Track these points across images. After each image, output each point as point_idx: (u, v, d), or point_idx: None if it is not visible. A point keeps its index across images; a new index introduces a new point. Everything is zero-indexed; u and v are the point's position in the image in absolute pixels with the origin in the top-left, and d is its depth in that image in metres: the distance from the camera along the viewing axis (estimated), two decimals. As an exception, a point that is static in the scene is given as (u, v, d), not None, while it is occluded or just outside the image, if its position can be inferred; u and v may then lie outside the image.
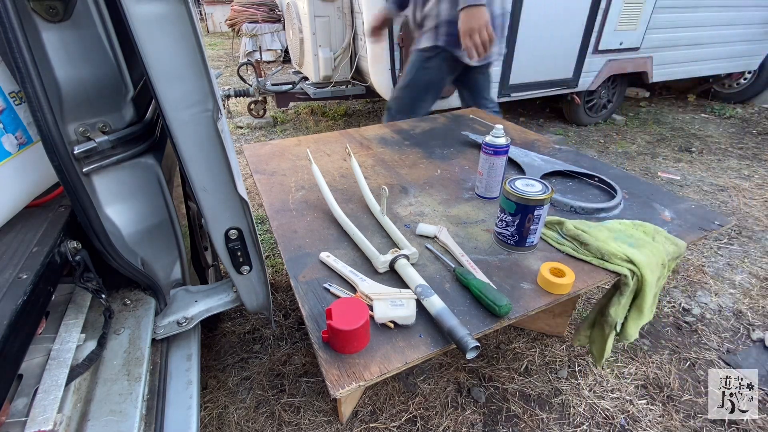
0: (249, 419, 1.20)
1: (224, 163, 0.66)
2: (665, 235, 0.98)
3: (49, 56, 0.58)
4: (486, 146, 1.09)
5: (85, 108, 0.65)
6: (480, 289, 0.78)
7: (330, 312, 0.68)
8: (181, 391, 0.74)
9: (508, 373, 1.33)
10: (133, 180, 0.75)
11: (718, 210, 2.30)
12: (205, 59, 0.58)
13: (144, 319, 0.75)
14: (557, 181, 1.26)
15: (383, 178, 1.29)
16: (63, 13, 0.58)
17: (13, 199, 0.64)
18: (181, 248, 0.86)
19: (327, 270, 0.89)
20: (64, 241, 0.64)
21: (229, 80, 5.08)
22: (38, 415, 0.52)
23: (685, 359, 1.39)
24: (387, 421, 1.19)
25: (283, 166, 1.36)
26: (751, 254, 1.93)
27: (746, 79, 4.17)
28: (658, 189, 1.21)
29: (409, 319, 0.73)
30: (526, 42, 2.85)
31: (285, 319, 1.55)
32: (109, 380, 0.65)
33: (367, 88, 3.08)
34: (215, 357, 1.40)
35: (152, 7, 0.53)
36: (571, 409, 1.23)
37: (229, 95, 3.30)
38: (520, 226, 0.91)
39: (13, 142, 0.62)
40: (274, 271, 1.81)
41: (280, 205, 1.13)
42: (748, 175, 2.73)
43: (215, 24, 8.89)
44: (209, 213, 0.70)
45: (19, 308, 0.50)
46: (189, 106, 0.60)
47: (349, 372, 0.66)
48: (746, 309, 1.60)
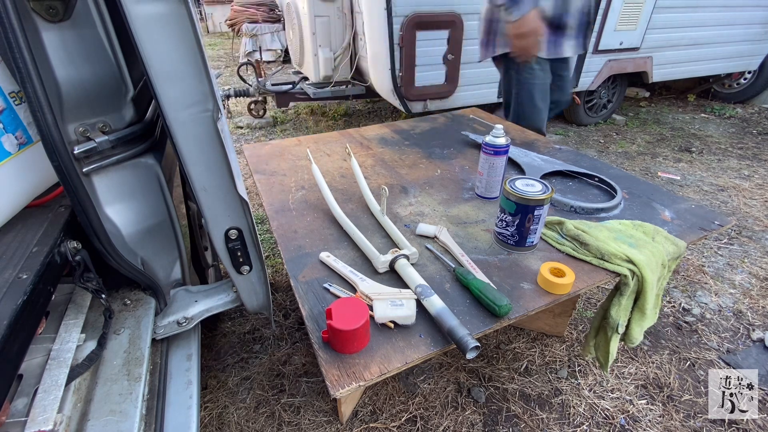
0: (249, 419, 1.20)
1: (224, 163, 0.66)
2: (665, 235, 0.98)
3: (49, 56, 0.58)
4: (486, 146, 1.09)
5: (85, 108, 0.65)
6: (480, 289, 0.78)
7: (330, 312, 0.68)
8: (181, 391, 0.74)
9: (508, 373, 1.33)
10: (133, 180, 0.75)
11: (718, 210, 2.30)
12: (205, 59, 0.58)
13: (144, 319, 0.75)
14: (557, 181, 1.26)
15: (383, 178, 1.29)
16: (63, 13, 0.58)
17: (13, 199, 0.64)
18: (181, 248, 0.86)
19: (327, 270, 0.89)
20: (64, 241, 0.64)
21: (229, 80, 5.08)
22: (38, 415, 0.52)
23: (685, 359, 1.39)
24: (387, 421, 1.19)
25: (283, 166, 1.36)
26: (751, 254, 1.92)
27: (746, 79, 4.17)
28: (658, 189, 1.21)
29: (409, 319, 0.73)
30: (526, 42, 2.85)
31: (285, 319, 1.54)
32: (109, 380, 0.65)
33: (367, 88, 3.08)
34: (215, 357, 1.39)
35: (152, 7, 0.53)
36: (571, 409, 1.23)
37: (229, 95, 3.30)
38: (520, 226, 0.91)
39: (13, 142, 0.62)
40: (274, 271, 1.81)
41: (280, 205, 1.13)
42: (748, 175, 2.73)
43: (215, 24, 8.89)
44: (209, 213, 0.70)
45: (19, 308, 0.50)
46: (189, 106, 0.60)
47: (349, 372, 0.66)
48: (746, 309, 1.60)
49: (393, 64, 2.55)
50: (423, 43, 2.54)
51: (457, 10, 2.54)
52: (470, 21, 2.61)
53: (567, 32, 1.63)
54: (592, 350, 1.07)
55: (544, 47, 1.66)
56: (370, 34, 2.62)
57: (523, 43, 1.56)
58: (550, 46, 1.66)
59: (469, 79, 2.81)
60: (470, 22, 2.61)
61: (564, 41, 1.65)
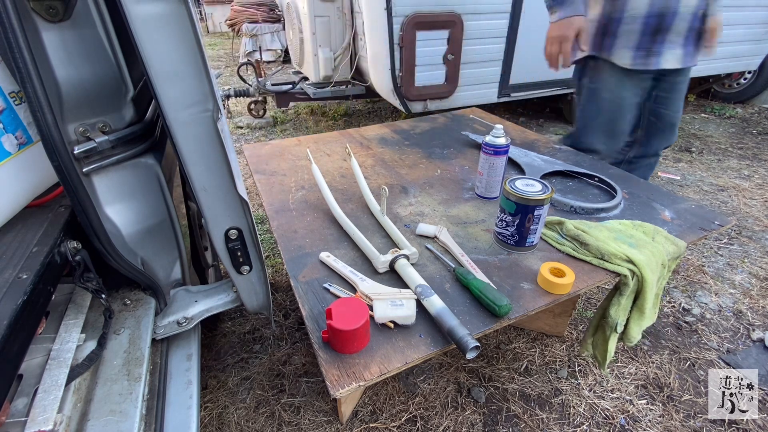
0: (249, 419, 1.20)
1: (224, 163, 0.66)
2: (665, 235, 0.98)
3: (49, 56, 0.58)
4: (486, 146, 1.09)
5: (85, 108, 0.65)
6: (480, 289, 0.78)
7: (330, 312, 0.68)
8: (181, 391, 0.74)
9: (508, 373, 1.33)
10: (133, 180, 0.75)
11: (718, 210, 2.30)
12: (205, 59, 0.58)
13: (144, 319, 0.75)
14: (557, 181, 1.26)
15: (383, 178, 1.29)
16: (63, 13, 0.58)
17: (13, 199, 0.64)
18: (181, 248, 0.86)
19: (327, 270, 0.89)
20: (64, 241, 0.64)
21: (229, 80, 5.08)
22: (38, 415, 0.52)
23: (685, 359, 1.39)
24: (387, 421, 1.19)
25: (283, 166, 1.36)
26: (751, 254, 1.92)
27: (746, 79, 4.17)
28: (658, 189, 1.21)
29: (409, 319, 0.73)
30: (526, 42, 2.85)
31: (285, 319, 1.54)
32: (109, 380, 0.65)
33: (367, 88, 3.08)
34: (215, 357, 1.40)
35: (152, 7, 0.53)
36: (571, 409, 1.23)
37: (229, 95, 3.30)
38: (520, 226, 0.91)
39: (13, 142, 0.62)
40: (274, 271, 1.81)
41: (280, 205, 1.13)
42: (748, 175, 2.73)
43: (215, 24, 8.89)
44: (209, 213, 0.70)
45: (19, 308, 0.50)
46: (189, 106, 0.60)
47: (349, 372, 0.66)
48: (746, 309, 1.60)
49: (393, 64, 2.55)
50: (423, 43, 2.54)
51: (457, 10, 2.54)
52: (470, 21, 2.61)
53: (669, 37, 1.25)
54: (590, 348, 1.07)
55: (627, 54, 1.29)
56: (370, 34, 2.62)
57: (550, 49, 1.34)
58: (637, 54, 1.28)
59: (469, 79, 2.81)
60: (470, 22, 2.61)
61: (664, 49, 1.26)
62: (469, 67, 2.76)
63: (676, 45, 1.27)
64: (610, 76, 1.35)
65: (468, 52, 2.70)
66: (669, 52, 1.27)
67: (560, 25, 1.29)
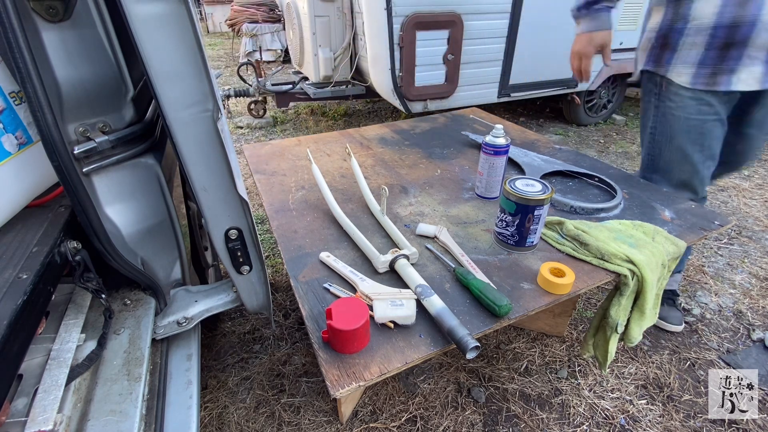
0: (249, 419, 1.20)
1: (224, 163, 0.66)
2: (665, 235, 0.98)
3: (49, 56, 0.58)
4: (486, 146, 1.09)
5: (85, 108, 0.65)
6: (480, 289, 0.78)
7: (330, 312, 0.68)
8: (181, 391, 0.74)
9: (508, 373, 1.33)
10: (133, 180, 0.75)
11: (718, 210, 2.30)
12: (205, 59, 0.58)
13: (144, 319, 0.75)
14: (557, 181, 1.26)
15: (383, 178, 1.29)
16: (63, 13, 0.58)
17: (13, 199, 0.64)
18: (181, 248, 0.86)
19: (327, 270, 0.89)
20: (64, 241, 0.64)
21: (229, 80, 5.08)
22: (38, 415, 0.52)
23: (685, 359, 1.39)
24: (387, 421, 1.19)
25: (283, 166, 1.36)
26: (751, 254, 1.92)
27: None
28: (658, 189, 1.21)
29: (409, 319, 0.73)
30: (526, 42, 2.85)
31: (285, 319, 1.54)
32: (109, 380, 0.65)
33: (367, 88, 3.08)
34: (215, 357, 1.39)
35: (152, 7, 0.53)
36: (571, 409, 1.23)
37: (229, 95, 3.31)
38: (520, 226, 0.91)
39: (13, 142, 0.62)
40: (274, 271, 1.81)
41: (280, 205, 1.13)
42: (748, 175, 2.73)
43: (215, 24, 8.89)
44: (209, 213, 0.70)
45: (19, 308, 0.50)
46: (189, 106, 0.60)
47: (349, 372, 0.66)
48: (746, 309, 1.60)
49: (393, 64, 2.56)
50: (423, 43, 2.54)
51: (457, 10, 2.54)
52: (470, 21, 2.61)
53: (747, 52, 1.03)
54: (591, 349, 1.07)
55: (686, 71, 1.12)
56: (370, 34, 2.62)
57: (573, 63, 1.29)
58: (699, 72, 1.10)
59: (469, 79, 2.82)
60: (470, 22, 2.61)
61: (739, 66, 1.05)
62: (469, 67, 2.77)
63: (756, 61, 1.04)
64: (688, 92, 1.15)
65: (468, 52, 2.70)
66: (745, 70, 1.05)
67: (582, 39, 1.25)
